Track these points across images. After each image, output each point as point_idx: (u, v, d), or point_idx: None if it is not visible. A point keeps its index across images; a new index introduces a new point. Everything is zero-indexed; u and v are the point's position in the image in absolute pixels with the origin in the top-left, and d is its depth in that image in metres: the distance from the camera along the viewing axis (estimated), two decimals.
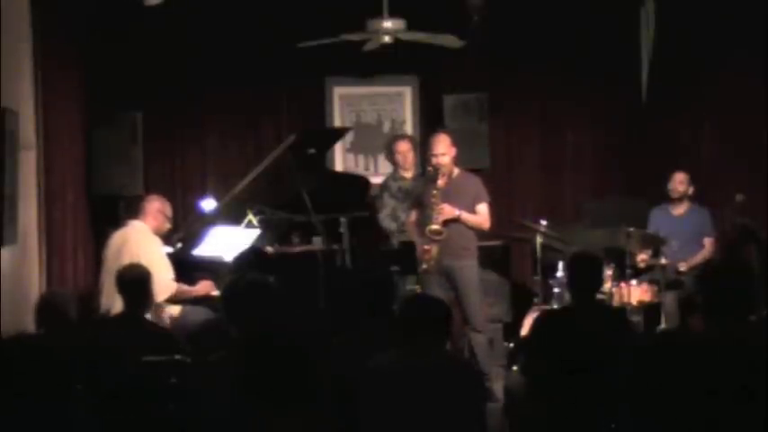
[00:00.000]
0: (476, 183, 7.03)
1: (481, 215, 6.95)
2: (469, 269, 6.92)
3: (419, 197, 7.09)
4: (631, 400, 3.48)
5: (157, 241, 6.61)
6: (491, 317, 7.64)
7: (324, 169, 8.08)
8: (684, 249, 7.57)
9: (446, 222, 6.81)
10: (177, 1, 7.19)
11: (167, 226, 6.79)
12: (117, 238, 6.61)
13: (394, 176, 8.17)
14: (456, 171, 6.97)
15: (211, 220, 7.34)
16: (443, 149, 6.89)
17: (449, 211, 6.80)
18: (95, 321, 6.42)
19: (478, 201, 6.96)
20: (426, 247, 6.81)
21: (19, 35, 6.36)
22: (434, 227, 6.77)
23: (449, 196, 6.84)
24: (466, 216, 6.87)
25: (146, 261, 6.11)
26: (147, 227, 6.61)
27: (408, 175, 8.09)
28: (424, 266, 6.84)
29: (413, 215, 7.17)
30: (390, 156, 8.31)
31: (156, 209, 6.70)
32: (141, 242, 6.49)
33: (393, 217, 8.00)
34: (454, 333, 7.25)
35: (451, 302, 6.94)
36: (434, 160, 6.89)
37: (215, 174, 8.75)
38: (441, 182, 6.83)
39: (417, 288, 7.21)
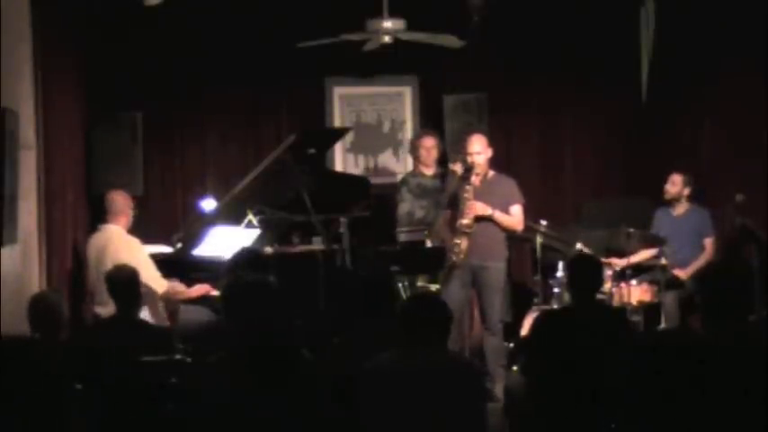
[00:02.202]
0: (510, 185, 7.05)
1: (515, 216, 6.96)
2: (496, 271, 6.93)
3: (454, 198, 7.05)
4: (631, 399, 3.48)
5: (135, 242, 6.56)
6: None
7: (324, 169, 8.07)
8: (684, 250, 7.58)
9: (477, 219, 6.81)
10: (177, 1, 7.19)
11: (132, 218, 6.74)
12: (95, 243, 6.59)
13: (413, 173, 8.22)
14: (491, 173, 6.99)
15: (211, 220, 7.33)
16: (479, 148, 6.90)
17: (480, 208, 6.80)
18: (90, 324, 6.44)
19: (513, 202, 6.97)
20: (457, 240, 6.81)
21: (19, 35, 6.35)
22: (466, 221, 6.78)
23: (482, 196, 6.85)
24: (499, 216, 6.88)
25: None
26: (120, 229, 6.56)
27: (429, 172, 8.10)
28: (453, 260, 6.84)
29: (446, 215, 7.15)
30: (414, 151, 8.33)
31: (123, 205, 6.66)
32: (122, 247, 6.44)
33: (410, 215, 8.02)
34: (469, 333, 7.27)
35: (471, 300, 7.00)
36: (469, 159, 6.89)
37: (215, 174, 8.75)
38: (475, 180, 6.83)
39: (432, 286, 7.25)
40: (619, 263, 7.36)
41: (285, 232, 7.63)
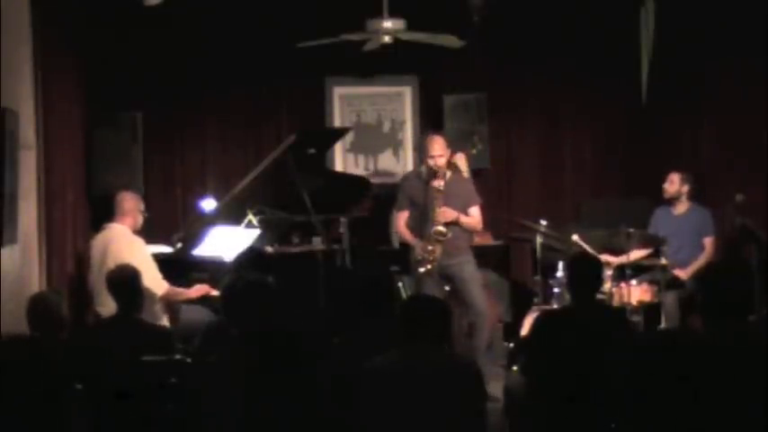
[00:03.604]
0: (468, 186, 7.08)
1: (475, 218, 7.02)
2: (468, 264, 6.96)
3: (411, 198, 7.07)
4: (631, 400, 3.48)
5: (139, 242, 6.57)
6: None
7: (324, 169, 8.08)
8: (684, 249, 7.57)
9: (446, 224, 6.83)
10: (177, 1, 7.19)
11: (141, 220, 6.76)
12: (98, 243, 6.60)
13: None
14: (448, 173, 7.00)
15: (211, 220, 7.33)
16: (440, 151, 6.89)
17: (450, 213, 6.83)
18: (90, 324, 6.44)
19: (471, 203, 7.01)
20: (430, 248, 6.81)
21: (19, 35, 6.35)
22: (439, 228, 6.78)
23: (446, 197, 6.85)
24: (463, 219, 6.92)
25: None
26: (126, 229, 6.57)
27: None
28: (428, 267, 6.84)
29: (403, 216, 7.13)
30: (423, 153, 8.35)
31: (134, 206, 6.68)
32: (124, 246, 6.45)
33: None
34: (454, 333, 7.26)
35: (448, 300, 6.98)
36: (431, 162, 6.89)
37: (215, 174, 8.75)
38: (441, 183, 6.82)
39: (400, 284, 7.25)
40: (614, 260, 7.37)
41: (285, 232, 7.63)
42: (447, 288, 7.00)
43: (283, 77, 8.70)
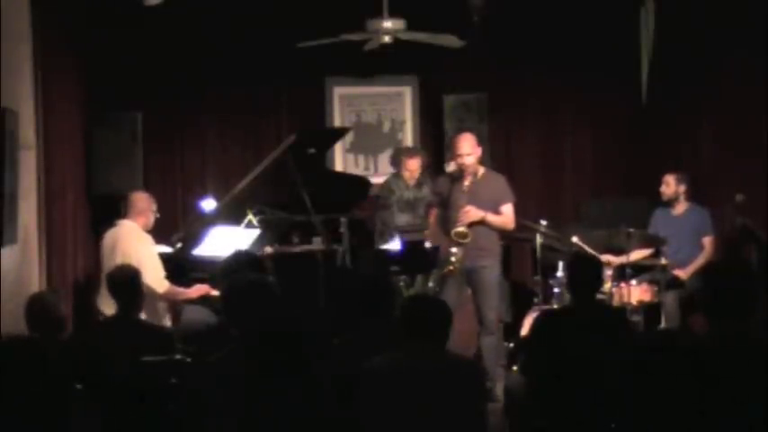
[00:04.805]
0: (501, 183, 7.01)
1: (506, 216, 6.93)
2: (490, 270, 6.90)
3: (443, 197, 7.04)
4: (631, 400, 3.48)
5: (148, 239, 6.62)
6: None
7: (324, 169, 8.07)
8: (684, 249, 7.57)
9: (471, 224, 6.78)
10: (177, 1, 7.20)
11: (153, 220, 6.80)
12: (108, 238, 6.64)
13: (398, 183, 8.29)
14: (481, 171, 6.95)
15: (211, 220, 7.33)
16: (469, 150, 6.83)
17: (474, 214, 6.77)
18: (90, 324, 6.44)
19: (503, 201, 6.94)
20: (453, 249, 6.77)
21: (19, 35, 6.35)
22: (460, 229, 6.74)
23: (474, 197, 6.81)
24: (491, 218, 6.85)
25: (136, 260, 6.13)
26: (136, 225, 6.63)
27: (412, 184, 8.22)
28: (450, 269, 6.81)
29: (433, 212, 7.15)
30: (397, 167, 8.41)
31: (145, 206, 6.72)
32: (132, 242, 6.51)
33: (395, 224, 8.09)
34: (467, 333, 7.26)
35: (468, 301, 6.99)
36: (459, 160, 6.85)
37: (215, 174, 8.75)
38: (466, 182, 6.79)
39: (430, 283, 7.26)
40: (614, 261, 7.37)
41: (285, 232, 7.63)
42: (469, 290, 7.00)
43: (283, 77, 8.70)
